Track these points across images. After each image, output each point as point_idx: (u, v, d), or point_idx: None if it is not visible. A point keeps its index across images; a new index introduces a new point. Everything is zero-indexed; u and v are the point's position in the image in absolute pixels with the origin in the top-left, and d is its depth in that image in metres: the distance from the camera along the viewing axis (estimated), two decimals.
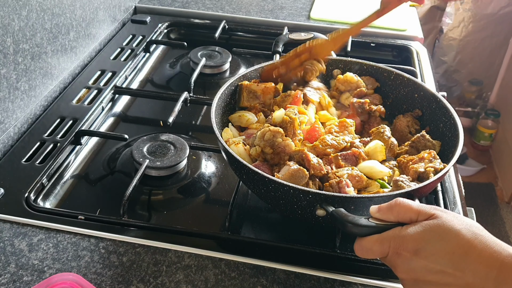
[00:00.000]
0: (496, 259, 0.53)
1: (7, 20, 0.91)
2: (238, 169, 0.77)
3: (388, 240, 0.59)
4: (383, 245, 0.59)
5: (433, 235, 0.56)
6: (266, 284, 0.71)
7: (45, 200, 0.86)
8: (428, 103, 0.91)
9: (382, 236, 0.60)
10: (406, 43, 1.39)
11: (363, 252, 0.62)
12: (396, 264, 0.59)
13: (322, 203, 0.68)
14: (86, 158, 0.97)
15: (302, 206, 0.70)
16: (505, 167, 2.65)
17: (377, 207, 0.62)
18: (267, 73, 0.97)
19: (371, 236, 0.60)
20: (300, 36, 1.21)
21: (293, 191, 0.69)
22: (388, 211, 0.61)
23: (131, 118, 1.12)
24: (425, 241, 0.56)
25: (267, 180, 0.71)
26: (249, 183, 0.78)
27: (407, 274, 0.58)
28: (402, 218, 0.59)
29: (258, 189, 0.76)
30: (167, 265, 0.73)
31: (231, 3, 1.54)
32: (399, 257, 0.58)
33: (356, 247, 0.62)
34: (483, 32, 2.71)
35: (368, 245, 0.60)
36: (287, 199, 0.71)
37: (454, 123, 0.83)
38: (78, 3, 1.16)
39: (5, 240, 0.76)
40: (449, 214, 0.58)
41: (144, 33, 1.38)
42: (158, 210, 0.87)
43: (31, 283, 0.69)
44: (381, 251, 0.60)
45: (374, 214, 0.62)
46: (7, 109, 0.94)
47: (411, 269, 0.57)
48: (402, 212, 0.59)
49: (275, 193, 0.72)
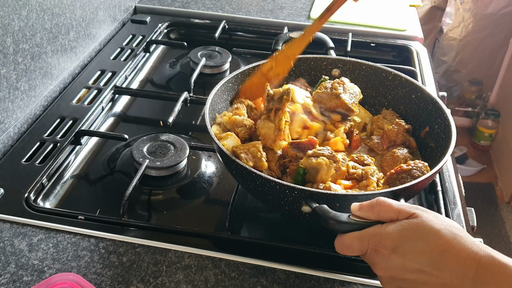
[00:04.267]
0: (473, 259, 0.54)
1: (7, 20, 0.91)
2: (228, 163, 0.78)
3: (367, 238, 0.59)
4: (363, 242, 0.60)
5: (412, 234, 0.56)
6: (266, 284, 0.71)
7: (45, 200, 0.86)
8: (424, 104, 0.91)
9: (362, 233, 0.60)
10: (406, 43, 1.39)
11: (342, 248, 0.62)
12: (374, 261, 0.60)
13: (307, 199, 0.68)
14: (86, 158, 0.97)
15: (288, 202, 0.71)
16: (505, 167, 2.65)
17: (359, 205, 0.63)
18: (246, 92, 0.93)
19: (351, 233, 0.61)
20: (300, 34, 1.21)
21: (279, 186, 0.70)
22: (369, 209, 0.61)
23: (131, 118, 1.12)
24: (403, 239, 0.57)
25: (254, 175, 0.72)
26: (238, 178, 0.79)
27: (385, 271, 0.59)
28: (382, 217, 0.60)
29: (247, 184, 0.77)
30: (167, 265, 0.73)
31: (231, 3, 1.54)
32: (378, 254, 0.59)
33: (337, 243, 0.63)
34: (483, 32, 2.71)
35: (348, 241, 0.61)
36: (274, 194, 0.72)
37: (448, 124, 0.83)
38: (78, 3, 1.16)
39: (5, 240, 0.76)
40: (430, 214, 0.58)
41: (144, 33, 1.38)
42: (158, 210, 0.87)
43: (31, 283, 0.69)
44: (360, 248, 0.60)
45: (355, 212, 0.62)
46: (7, 109, 0.94)
47: (389, 267, 0.58)
48: (383, 211, 0.60)
49: (263, 188, 0.73)
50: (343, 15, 1.49)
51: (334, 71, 1.01)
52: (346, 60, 1.01)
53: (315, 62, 1.01)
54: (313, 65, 1.00)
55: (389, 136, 0.88)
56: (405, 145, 0.88)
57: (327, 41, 1.21)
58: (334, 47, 1.19)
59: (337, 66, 1.01)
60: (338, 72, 1.01)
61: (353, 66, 1.00)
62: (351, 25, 1.44)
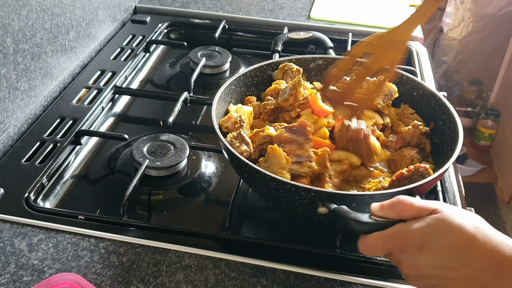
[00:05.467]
0: (497, 253, 0.54)
1: (7, 20, 0.91)
2: (239, 167, 0.77)
3: (392, 237, 0.59)
4: (387, 242, 0.59)
5: (437, 230, 0.56)
6: (266, 284, 0.71)
7: (45, 200, 0.86)
8: (427, 101, 0.92)
9: (386, 233, 0.60)
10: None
11: (367, 249, 0.62)
12: (400, 260, 0.59)
13: (324, 200, 0.68)
14: (86, 158, 0.97)
15: (304, 204, 0.71)
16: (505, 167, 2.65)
17: (379, 205, 0.62)
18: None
19: (375, 233, 0.60)
20: (299, 35, 1.21)
21: (295, 188, 0.69)
22: (390, 209, 0.61)
23: (131, 118, 1.12)
24: (429, 236, 0.57)
25: (268, 178, 0.71)
26: (250, 181, 0.78)
27: (412, 269, 0.59)
28: (404, 215, 0.60)
29: (259, 187, 0.76)
30: (167, 265, 0.73)
31: (231, 3, 1.54)
32: (404, 253, 0.59)
33: (360, 245, 0.62)
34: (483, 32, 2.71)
35: (372, 242, 0.61)
36: (289, 197, 0.71)
37: (453, 120, 0.84)
38: (78, 3, 1.16)
39: (5, 240, 0.76)
40: (451, 209, 0.58)
41: (144, 33, 1.38)
42: (158, 210, 0.87)
43: (31, 283, 0.69)
44: (385, 248, 0.60)
45: (376, 212, 0.62)
46: (7, 109, 0.94)
47: (416, 265, 0.58)
48: (404, 210, 0.59)
49: (277, 191, 0.72)
50: (343, 15, 1.49)
51: None
52: None
53: (314, 62, 1.01)
54: (313, 66, 1.00)
55: (404, 137, 0.87)
56: (419, 147, 0.87)
57: (325, 41, 1.20)
58: (333, 46, 1.19)
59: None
60: None
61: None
62: (351, 25, 1.44)
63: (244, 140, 0.81)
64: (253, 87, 0.96)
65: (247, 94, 0.95)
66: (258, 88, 0.97)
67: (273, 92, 0.93)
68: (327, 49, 1.18)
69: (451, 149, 0.80)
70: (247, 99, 0.94)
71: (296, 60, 0.99)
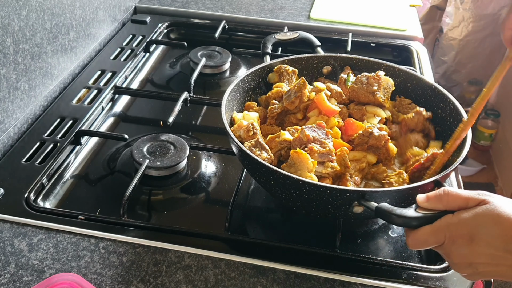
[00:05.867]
0: None
1: (7, 20, 0.91)
2: (265, 175, 0.74)
3: (442, 229, 0.61)
4: (438, 235, 0.61)
5: (487, 220, 0.58)
6: (266, 284, 0.71)
7: (45, 200, 0.86)
8: (422, 91, 0.93)
9: (435, 226, 0.61)
10: (406, 43, 1.39)
11: (418, 244, 0.63)
12: (450, 251, 0.61)
13: (360, 200, 0.68)
14: (86, 158, 0.97)
15: (337, 205, 0.70)
16: (505, 167, 2.65)
17: (425, 196, 0.63)
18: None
19: (424, 227, 0.62)
20: (286, 35, 1.20)
21: (330, 191, 0.68)
22: (437, 200, 0.62)
23: (131, 118, 1.12)
24: (479, 226, 0.58)
25: (301, 183, 0.69)
26: (278, 188, 0.75)
27: (462, 259, 0.60)
28: (451, 206, 0.61)
29: (288, 193, 0.74)
30: (167, 265, 0.73)
31: (231, 3, 1.54)
32: (454, 243, 0.60)
33: (410, 241, 0.63)
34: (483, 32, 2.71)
35: (423, 237, 0.62)
36: (322, 199, 0.70)
37: (454, 107, 0.86)
38: (78, 3, 1.16)
39: (5, 240, 0.76)
40: (498, 198, 0.60)
41: (144, 33, 1.38)
42: (158, 210, 0.87)
43: (31, 283, 0.69)
44: (436, 241, 0.62)
45: (422, 204, 0.63)
46: (7, 109, 0.94)
47: (466, 254, 0.60)
48: (451, 201, 0.61)
49: (309, 195, 0.70)
50: (343, 15, 1.49)
51: (325, 69, 1.01)
52: (337, 56, 1.01)
53: (306, 62, 1.00)
54: (305, 65, 1.00)
55: (408, 124, 0.88)
56: (424, 133, 0.88)
57: (312, 40, 1.19)
58: (320, 44, 1.18)
59: (328, 63, 1.01)
60: (328, 69, 1.01)
61: (344, 61, 1.00)
62: (351, 25, 1.44)
63: (263, 147, 0.80)
64: (250, 92, 0.95)
65: (245, 100, 0.94)
66: (255, 93, 0.96)
67: (276, 96, 0.92)
68: (315, 48, 1.17)
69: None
70: (248, 105, 0.93)
71: (289, 61, 0.98)
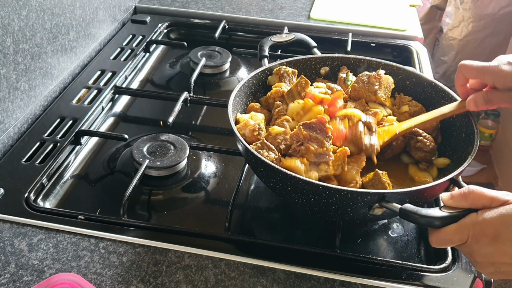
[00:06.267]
0: None
1: (7, 20, 0.91)
2: (282, 181, 0.73)
3: (467, 228, 0.61)
4: (463, 234, 0.61)
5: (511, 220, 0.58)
6: (266, 284, 0.71)
7: (45, 200, 0.86)
8: (422, 88, 0.93)
9: (460, 225, 0.61)
10: (406, 43, 1.39)
11: (442, 242, 0.64)
12: (473, 250, 0.61)
13: (381, 201, 0.67)
14: (86, 158, 0.97)
15: (357, 208, 0.69)
16: (505, 167, 2.65)
17: (449, 194, 0.64)
18: None
19: (448, 226, 0.62)
20: (282, 37, 1.19)
21: (351, 194, 0.67)
22: (462, 198, 0.63)
23: (131, 118, 1.12)
24: (504, 226, 0.59)
25: (321, 188, 0.68)
26: (295, 193, 0.73)
27: (485, 258, 0.61)
28: (476, 205, 0.61)
29: (306, 198, 0.72)
30: (167, 265, 0.73)
31: (231, 3, 1.54)
32: (478, 242, 0.60)
33: (434, 239, 0.64)
34: (483, 32, 2.71)
35: (447, 236, 0.62)
36: (342, 203, 0.69)
37: None
38: (78, 3, 1.16)
39: (5, 240, 0.76)
40: None
41: (144, 33, 1.38)
42: (158, 210, 0.87)
43: (31, 283, 0.69)
44: (460, 240, 0.62)
45: (447, 202, 0.64)
46: (7, 109, 0.94)
47: (489, 253, 0.60)
48: (477, 199, 0.61)
49: (328, 199, 0.69)
50: (343, 15, 1.49)
51: (323, 70, 1.01)
52: (334, 57, 1.01)
53: (304, 63, 1.00)
54: (303, 66, 1.00)
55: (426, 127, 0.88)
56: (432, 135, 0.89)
57: (308, 41, 1.19)
58: (316, 45, 1.18)
59: (326, 64, 1.01)
60: (326, 70, 1.01)
61: (341, 61, 1.00)
62: (351, 25, 1.44)
63: (270, 148, 0.78)
64: (252, 96, 0.95)
65: (247, 104, 0.93)
66: (256, 96, 0.95)
67: (276, 96, 0.91)
68: (311, 49, 1.17)
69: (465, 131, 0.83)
70: (251, 106, 0.92)
71: (287, 63, 0.98)
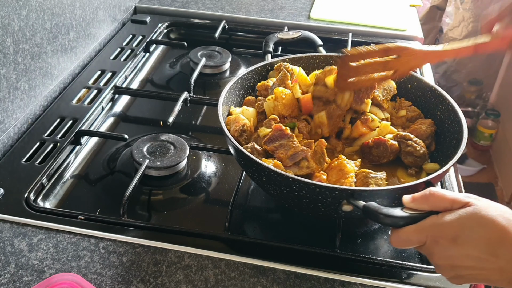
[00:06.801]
0: None
1: (7, 20, 0.91)
2: (257, 171, 0.75)
3: (426, 229, 0.61)
4: (421, 234, 0.61)
5: (471, 222, 0.58)
6: (266, 284, 0.71)
7: (45, 200, 0.86)
8: (422, 92, 0.94)
9: (420, 225, 0.61)
10: (406, 43, 1.39)
11: (401, 243, 0.63)
12: (433, 252, 0.61)
13: (348, 198, 0.68)
14: (86, 158, 0.97)
15: (326, 203, 0.70)
16: (505, 167, 2.65)
17: (411, 197, 0.63)
18: (345, 69, 0.84)
19: (408, 226, 0.62)
20: (288, 35, 1.20)
21: (319, 188, 0.69)
22: (423, 200, 0.62)
23: (131, 118, 1.12)
24: (462, 228, 0.58)
25: (291, 180, 0.70)
26: (269, 184, 0.75)
27: (445, 260, 0.60)
28: (437, 207, 0.61)
29: (279, 190, 0.74)
30: (167, 265, 0.73)
31: (231, 3, 1.54)
32: (437, 244, 0.60)
33: (393, 239, 0.63)
34: None
35: (406, 236, 0.62)
36: (312, 197, 0.71)
37: (453, 110, 0.86)
38: (78, 3, 1.16)
39: (5, 240, 0.76)
40: (483, 201, 0.60)
41: (144, 33, 1.38)
42: (158, 210, 0.87)
43: (31, 283, 0.69)
44: (419, 241, 0.61)
45: (408, 204, 0.63)
46: (7, 109, 0.94)
47: (448, 256, 0.59)
48: (437, 201, 0.61)
49: (299, 192, 0.71)
50: (343, 15, 1.49)
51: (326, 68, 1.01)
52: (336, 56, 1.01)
53: (307, 61, 1.00)
54: (306, 64, 1.00)
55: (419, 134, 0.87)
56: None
57: (315, 40, 1.20)
58: (322, 44, 1.19)
59: (329, 63, 1.01)
60: None
61: None
62: (351, 25, 1.44)
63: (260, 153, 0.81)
64: (250, 90, 0.96)
65: (245, 97, 0.95)
66: (256, 90, 0.96)
67: (261, 89, 0.94)
68: (317, 47, 1.18)
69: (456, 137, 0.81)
70: (247, 100, 0.94)
71: (290, 60, 0.99)
